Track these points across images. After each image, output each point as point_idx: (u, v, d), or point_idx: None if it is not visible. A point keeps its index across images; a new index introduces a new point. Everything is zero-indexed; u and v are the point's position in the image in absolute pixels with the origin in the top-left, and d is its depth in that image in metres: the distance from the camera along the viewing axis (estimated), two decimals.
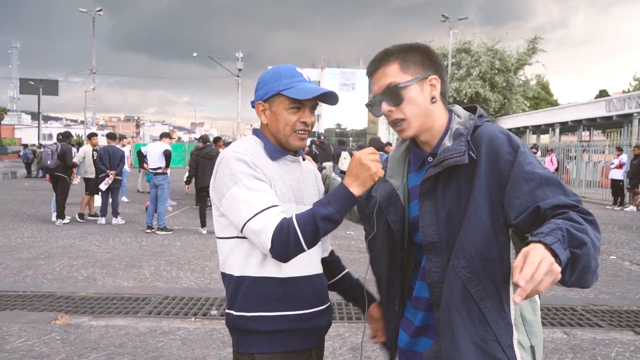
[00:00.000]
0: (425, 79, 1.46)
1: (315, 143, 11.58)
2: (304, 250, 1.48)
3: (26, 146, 34.61)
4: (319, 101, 1.66)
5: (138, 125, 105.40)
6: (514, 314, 1.37)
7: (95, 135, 11.61)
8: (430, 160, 1.47)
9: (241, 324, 1.59)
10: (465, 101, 29.77)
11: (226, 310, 1.66)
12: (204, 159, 9.34)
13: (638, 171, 14.18)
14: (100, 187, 10.16)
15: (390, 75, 1.45)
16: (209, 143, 10.25)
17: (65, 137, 10.84)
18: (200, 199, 9.90)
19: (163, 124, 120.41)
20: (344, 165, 10.88)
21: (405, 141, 1.61)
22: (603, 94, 47.40)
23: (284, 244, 1.44)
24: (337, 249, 2.93)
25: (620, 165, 15.18)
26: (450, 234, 1.41)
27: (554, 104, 42.34)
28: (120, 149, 10.72)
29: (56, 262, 6.68)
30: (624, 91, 40.10)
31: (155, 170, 9.46)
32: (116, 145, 10.70)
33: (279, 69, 1.66)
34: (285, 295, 1.58)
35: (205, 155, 9.38)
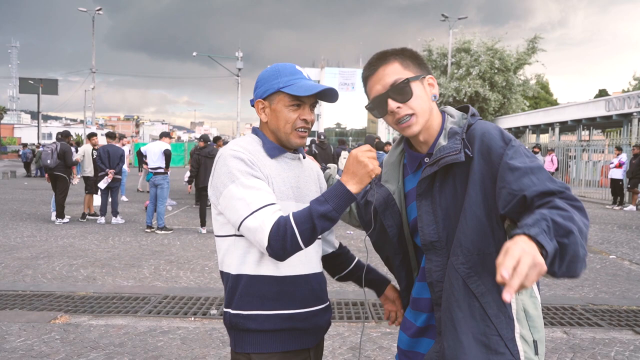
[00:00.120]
0: (424, 77, 1.49)
1: (314, 143, 11.59)
2: (301, 248, 1.47)
3: (25, 145, 34.61)
4: (318, 99, 1.66)
5: (138, 125, 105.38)
6: (516, 308, 1.37)
7: (95, 135, 11.60)
8: (427, 160, 1.48)
9: (238, 322, 1.59)
10: (465, 100, 29.79)
11: (224, 309, 1.66)
12: (205, 158, 9.35)
13: (637, 170, 14.18)
14: (99, 186, 10.15)
15: (394, 73, 1.46)
16: (209, 142, 10.25)
17: (65, 136, 10.84)
18: (200, 198, 9.89)
19: (163, 124, 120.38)
20: (344, 164, 10.88)
21: (399, 145, 1.62)
22: (603, 93, 47.42)
23: (281, 242, 1.44)
24: None
25: (619, 165, 15.18)
26: (449, 233, 1.41)
27: (554, 103, 42.35)
28: (120, 148, 10.70)
29: (56, 262, 6.68)
30: (624, 90, 40.12)
31: (155, 170, 9.45)
32: (116, 144, 10.70)
33: (278, 67, 1.66)
34: (283, 294, 1.58)
35: (206, 155, 9.38)
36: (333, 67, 70.64)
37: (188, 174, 10.86)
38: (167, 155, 9.46)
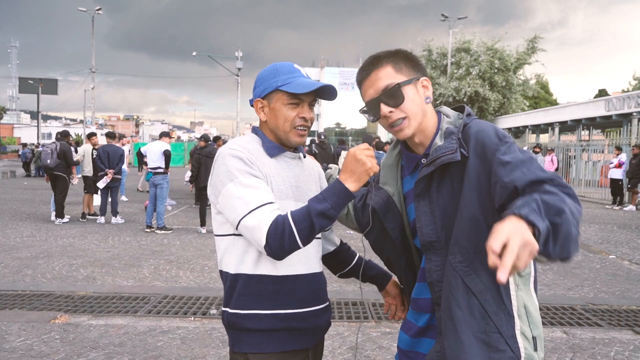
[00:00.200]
0: (417, 79, 1.49)
1: (314, 142, 11.63)
2: (299, 247, 1.47)
3: (25, 145, 34.62)
4: (318, 97, 1.66)
5: (137, 125, 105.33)
6: (516, 304, 1.36)
7: (95, 134, 11.60)
8: (424, 161, 1.48)
9: (236, 321, 1.58)
10: (464, 100, 29.78)
11: (222, 308, 1.66)
12: (205, 158, 9.36)
13: (637, 170, 14.18)
14: (98, 186, 10.15)
15: (386, 77, 1.46)
16: (210, 142, 10.26)
17: (64, 136, 10.81)
18: (200, 197, 9.90)
19: (162, 123, 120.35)
20: None
21: (396, 147, 1.62)
22: (602, 93, 47.41)
23: (279, 241, 1.44)
24: None
25: (619, 165, 15.18)
26: (447, 232, 1.41)
27: (554, 103, 42.34)
28: (120, 148, 10.70)
29: (55, 261, 6.68)
30: (624, 90, 40.12)
31: (155, 170, 9.45)
32: (115, 144, 10.69)
33: (277, 66, 1.66)
34: (281, 294, 1.57)
35: (207, 154, 9.39)
36: (333, 67, 70.62)
37: (189, 174, 10.87)
38: (167, 156, 9.46)
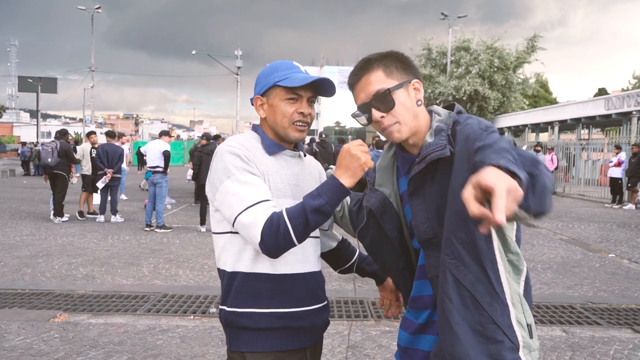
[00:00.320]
0: (409, 82, 1.49)
1: (315, 141, 11.69)
2: (294, 244, 1.46)
3: (24, 144, 34.63)
4: (317, 94, 1.66)
5: (137, 123, 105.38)
6: (509, 292, 1.35)
7: (94, 133, 11.58)
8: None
9: (233, 320, 1.58)
10: (464, 99, 29.77)
11: (219, 306, 1.66)
12: (207, 156, 9.36)
13: (637, 169, 14.19)
14: (98, 185, 10.15)
15: (377, 81, 1.46)
16: (212, 141, 10.27)
17: (62, 135, 10.77)
18: (201, 196, 9.91)
19: (162, 122, 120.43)
20: None
21: (391, 148, 1.62)
22: (602, 92, 47.39)
23: (274, 238, 1.43)
24: None
25: (619, 164, 15.18)
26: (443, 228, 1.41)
27: (553, 102, 42.32)
28: (119, 147, 10.70)
29: (55, 260, 6.68)
30: (623, 89, 40.14)
31: (154, 169, 9.45)
32: (115, 143, 10.68)
33: (276, 63, 1.67)
34: (278, 292, 1.57)
35: (208, 152, 9.39)
36: (332, 66, 70.48)
37: (191, 172, 10.88)
38: (167, 157, 9.44)
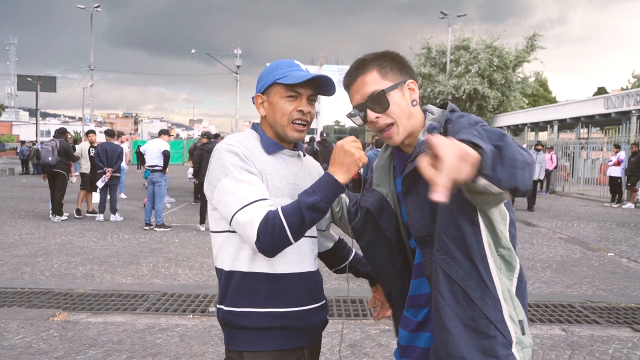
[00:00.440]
0: (404, 83, 1.49)
1: (315, 140, 11.75)
2: (290, 242, 1.46)
3: (23, 143, 34.67)
4: (317, 93, 1.66)
5: (136, 122, 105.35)
6: (500, 287, 1.35)
7: (93, 132, 11.57)
8: None
9: (231, 319, 1.58)
10: (463, 98, 29.77)
11: (217, 305, 1.65)
12: (208, 154, 9.37)
13: (636, 168, 14.20)
14: (97, 184, 10.14)
15: (372, 82, 1.46)
16: (213, 140, 10.28)
17: (61, 133, 10.74)
18: (200, 194, 9.92)
19: (161, 121, 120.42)
20: None
21: (388, 148, 1.62)
22: (601, 91, 47.39)
23: (270, 236, 1.43)
24: None
25: (618, 163, 15.20)
26: None
27: (553, 101, 42.32)
28: (119, 146, 10.69)
29: (54, 259, 6.67)
30: (623, 88, 40.15)
31: (153, 167, 9.44)
32: (114, 142, 10.67)
33: (277, 62, 1.67)
34: (276, 292, 1.57)
35: (209, 151, 9.39)
36: (332, 65, 70.42)
37: (191, 171, 10.91)
38: (167, 157, 9.43)
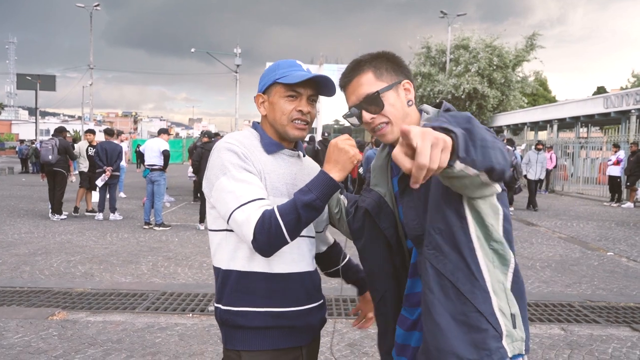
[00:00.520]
0: (399, 83, 1.49)
1: (315, 140, 11.84)
2: (286, 241, 1.46)
3: (22, 141, 34.69)
4: (318, 94, 1.66)
5: (136, 121, 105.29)
6: (490, 280, 1.35)
7: (93, 132, 11.55)
8: None
9: (228, 318, 1.58)
10: (463, 97, 29.76)
11: (215, 304, 1.65)
12: (208, 153, 9.35)
13: (635, 168, 14.20)
14: (97, 183, 10.14)
15: (367, 84, 1.47)
16: (213, 139, 10.28)
17: (60, 132, 10.73)
18: (200, 193, 9.91)
19: (161, 120, 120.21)
20: None
21: (385, 149, 1.63)
22: (601, 90, 47.40)
23: (266, 235, 1.43)
24: None
25: (617, 162, 15.19)
26: None
27: (552, 100, 42.32)
28: (118, 145, 10.68)
29: (53, 258, 6.67)
30: (622, 88, 40.13)
31: (152, 166, 9.44)
32: (114, 141, 10.67)
33: (279, 62, 1.68)
34: (274, 292, 1.56)
35: (210, 150, 9.38)
36: (332, 64, 70.36)
37: (191, 169, 10.92)
38: (166, 156, 9.42)
